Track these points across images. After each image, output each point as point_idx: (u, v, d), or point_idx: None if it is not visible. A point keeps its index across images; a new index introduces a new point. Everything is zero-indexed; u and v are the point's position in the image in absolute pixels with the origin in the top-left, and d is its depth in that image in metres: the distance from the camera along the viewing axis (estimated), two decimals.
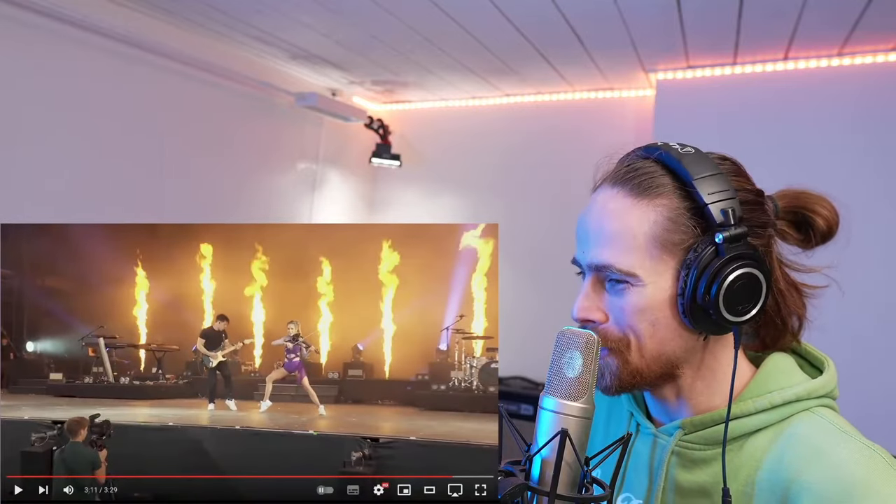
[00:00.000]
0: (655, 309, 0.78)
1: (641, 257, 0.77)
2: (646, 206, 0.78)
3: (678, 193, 0.78)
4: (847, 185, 2.81)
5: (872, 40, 2.68)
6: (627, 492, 0.90)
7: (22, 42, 2.43)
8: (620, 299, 0.79)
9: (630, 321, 0.78)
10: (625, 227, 0.78)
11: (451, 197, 4.12)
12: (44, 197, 2.56)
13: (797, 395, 0.79)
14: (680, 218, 0.77)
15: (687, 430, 0.83)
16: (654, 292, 0.77)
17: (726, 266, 0.74)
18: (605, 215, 0.80)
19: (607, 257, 0.78)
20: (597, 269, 0.80)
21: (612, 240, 0.78)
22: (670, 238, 0.77)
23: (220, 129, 3.32)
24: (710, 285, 0.74)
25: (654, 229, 0.77)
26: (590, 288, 0.81)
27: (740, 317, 0.76)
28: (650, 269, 0.77)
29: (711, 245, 0.75)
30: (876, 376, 2.69)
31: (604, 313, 0.81)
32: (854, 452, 0.73)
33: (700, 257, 0.75)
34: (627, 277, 0.77)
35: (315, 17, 2.71)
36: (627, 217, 0.78)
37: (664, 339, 0.79)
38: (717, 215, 0.75)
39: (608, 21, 2.58)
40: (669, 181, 0.78)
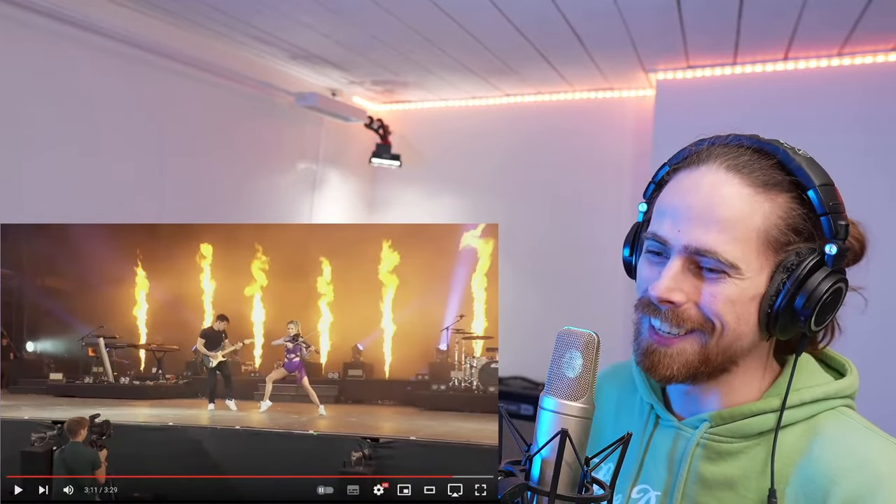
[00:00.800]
0: (745, 303, 0.77)
1: (748, 250, 0.75)
2: (764, 201, 0.76)
3: (794, 195, 0.77)
4: (847, 185, 2.81)
5: (872, 40, 2.68)
6: (644, 483, 0.90)
7: (22, 42, 2.43)
8: (714, 286, 0.76)
9: (719, 309, 0.76)
10: (739, 216, 0.75)
11: (451, 197, 4.12)
12: (44, 197, 2.56)
13: (826, 393, 0.81)
14: (792, 220, 0.76)
15: (714, 423, 0.84)
16: (749, 287, 0.76)
17: (831, 278, 0.75)
18: (715, 198, 0.76)
19: (713, 242, 0.75)
20: (696, 253, 0.76)
21: (724, 226, 0.75)
22: (778, 237, 0.76)
23: (220, 129, 3.32)
24: (812, 296, 0.74)
25: (766, 225, 0.75)
26: (677, 269, 0.77)
27: (817, 326, 0.77)
28: (752, 264, 0.76)
29: (817, 254, 0.75)
30: (876, 376, 2.69)
31: (685, 296, 0.78)
32: (881, 448, 0.75)
33: (804, 264, 0.75)
34: (729, 269, 0.75)
35: (315, 17, 2.71)
36: (743, 206, 0.75)
37: (741, 334, 0.78)
38: (834, 227, 0.75)
39: (608, 21, 2.58)
40: (787, 181, 0.77)
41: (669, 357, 0.80)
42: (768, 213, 0.76)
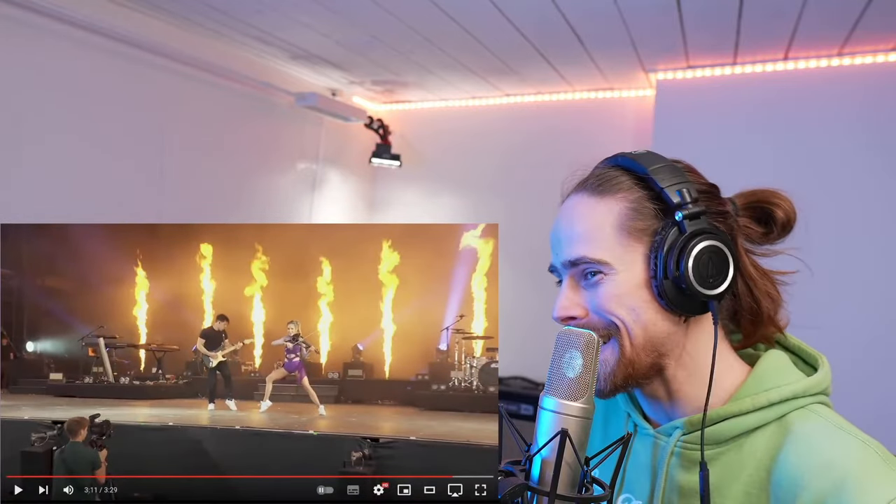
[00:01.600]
0: (632, 294, 0.80)
1: (611, 245, 0.81)
2: (609, 201, 0.83)
3: (637, 186, 0.83)
4: (847, 185, 2.83)
5: (872, 40, 2.68)
6: (628, 492, 0.90)
7: (22, 42, 2.43)
8: (597, 290, 0.81)
9: (608, 308, 0.80)
10: (592, 222, 0.82)
11: (451, 197, 4.12)
12: (44, 197, 2.56)
13: (794, 392, 0.80)
14: (641, 206, 0.82)
15: (686, 430, 0.84)
16: (627, 278, 0.80)
17: (690, 240, 0.78)
18: (573, 217, 0.85)
19: (579, 251, 0.82)
20: (571, 265, 0.83)
21: (582, 235, 0.83)
22: (635, 225, 0.81)
23: (220, 129, 3.32)
24: (677, 260, 0.78)
25: (619, 219, 0.81)
26: (568, 287, 0.84)
27: (712, 289, 0.79)
28: (621, 257, 0.81)
29: (673, 225, 0.79)
30: (877, 376, 2.69)
31: (583, 308, 0.83)
32: (848, 447, 0.74)
33: (665, 237, 0.79)
34: (600, 266, 0.81)
35: (315, 17, 2.71)
36: (593, 213, 0.83)
37: (647, 323, 0.80)
38: (674, 196, 0.79)
39: (608, 21, 2.58)
40: (627, 178, 0.84)
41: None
42: (616, 209, 0.82)
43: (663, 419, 0.89)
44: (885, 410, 2.61)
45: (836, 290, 2.81)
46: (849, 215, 2.82)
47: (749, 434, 0.80)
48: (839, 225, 2.82)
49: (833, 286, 2.81)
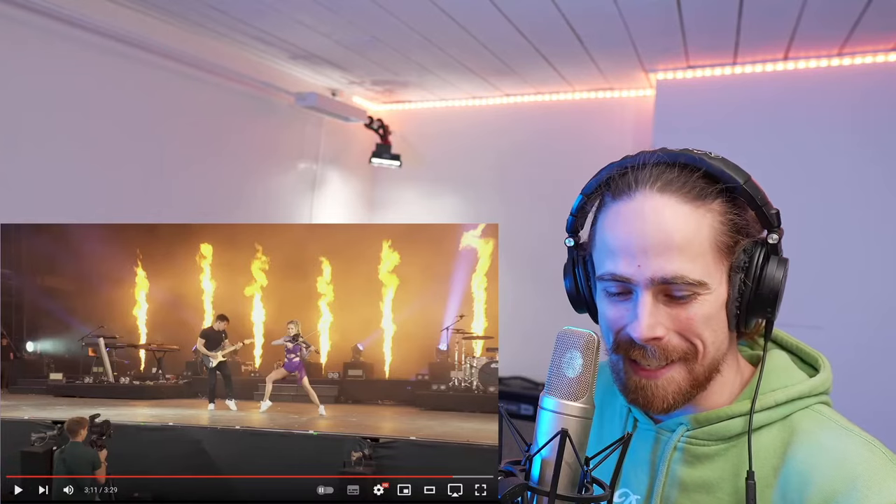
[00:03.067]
0: (718, 315, 0.78)
1: (707, 264, 0.76)
2: (704, 211, 0.77)
3: (724, 198, 0.78)
4: (847, 185, 2.83)
5: (872, 40, 2.68)
6: (625, 487, 0.91)
7: (21, 42, 2.43)
8: (687, 310, 0.77)
9: (698, 330, 0.77)
10: (689, 235, 0.75)
11: (451, 197, 4.12)
12: (44, 197, 2.56)
13: (800, 392, 0.82)
14: (731, 221, 0.78)
15: (692, 426, 0.84)
16: (716, 297, 0.77)
17: (782, 265, 0.78)
18: (664, 223, 0.76)
19: (678, 268, 0.75)
20: (663, 282, 0.76)
21: (680, 249, 0.75)
22: (725, 242, 0.77)
23: (220, 129, 3.32)
24: (773, 285, 0.77)
25: (713, 233, 0.76)
26: (651, 304, 0.77)
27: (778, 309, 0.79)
28: (714, 276, 0.77)
29: (761, 246, 0.78)
30: (875, 376, 2.69)
31: (665, 329, 0.78)
32: (856, 447, 0.75)
33: (755, 259, 0.77)
34: (698, 288, 0.76)
35: (315, 17, 2.71)
36: (689, 224, 0.76)
37: (719, 343, 0.80)
38: (769, 217, 0.77)
39: (608, 21, 2.58)
40: (711, 185, 0.78)
41: (662, 389, 0.80)
42: (711, 222, 0.77)
43: (667, 415, 0.88)
44: (879, 409, 2.61)
45: (836, 291, 2.81)
46: (848, 214, 2.82)
47: (754, 433, 0.81)
48: (838, 224, 2.82)
49: (834, 286, 2.82)
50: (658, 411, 0.82)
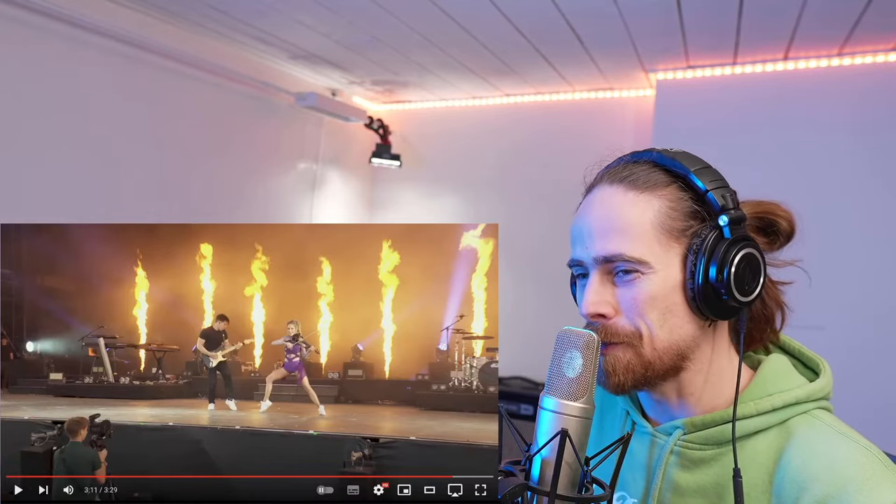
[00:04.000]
0: (666, 296, 0.79)
1: (650, 244, 0.78)
2: (648, 196, 0.80)
3: (676, 185, 0.81)
4: (846, 185, 2.83)
5: (872, 40, 2.68)
6: (622, 490, 0.91)
7: (22, 42, 2.43)
8: (631, 289, 0.79)
9: (642, 310, 0.79)
10: (631, 217, 0.79)
11: (451, 197, 4.12)
12: (44, 197, 2.56)
13: (797, 397, 0.81)
14: (681, 206, 0.80)
15: (687, 430, 0.84)
16: (664, 279, 0.79)
17: (734, 246, 0.77)
18: (608, 209, 0.81)
19: (616, 246, 0.79)
20: (605, 261, 0.80)
21: (620, 230, 0.79)
22: (675, 225, 0.79)
23: (220, 129, 3.32)
24: (721, 266, 0.77)
25: (659, 217, 0.79)
26: (597, 282, 0.81)
27: (748, 296, 0.79)
28: (659, 256, 0.79)
29: (715, 229, 0.78)
30: (874, 377, 2.69)
31: (612, 307, 0.80)
32: (850, 452, 0.75)
33: (706, 241, 0.78)
34: (638, 265, 0.78)
35: (315, 17, 2.71)
36: (632, 208, 0.80)
37: (674, 327, 0.80)
38: (720, 199, 0.78)
39: (608, 21, 2.58)
40: (666, 176, 0.82)
41: (611, 366, 0.81)
42: (657, 207, 0.80)
43: (664, 418, 0.89)
44: (878, 408, 2.61)
45: (836, 291, 2.81)
46: (848, 214, 2.81)
47: (750, 437, 0.81)
48: (838, 224, 2.82)
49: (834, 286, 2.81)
50: (613, 390, 0.82)
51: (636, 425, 0.92)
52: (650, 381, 0.82)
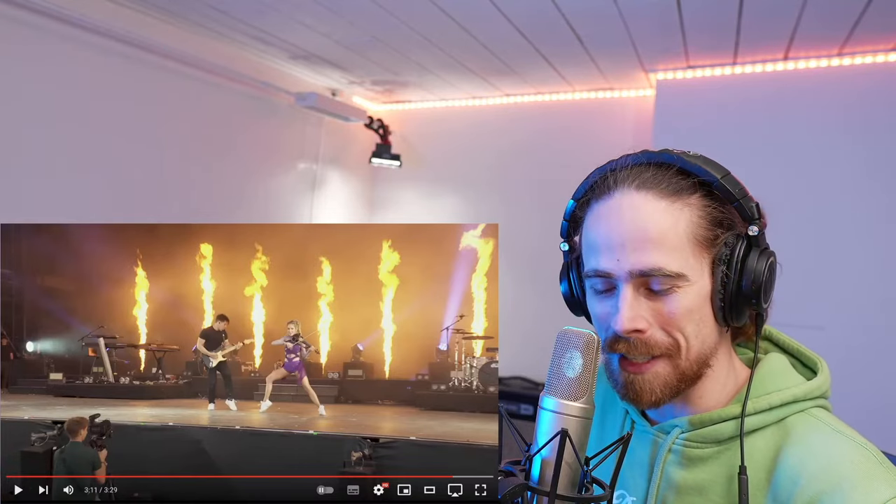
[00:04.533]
0: (700, 307, 0.79)
1: (686, 256, 0.77)
2: (680, 205, 0.78)
3: (702, 192, 0.79)
4: (847, 185, 2.83)
5: (872, 40, 2.68)
6: (622, 489, 0.91)
7: (22, 42, 2.43)
8: (668, 303, 0.78)
9: (680, 324, 0.78)
10: (665, 228, 0.77)
11: (451, 197, 4.12)
12: (44, 197, 2.56)
13: (794, 396, 0.81)
14: (711, 215, 0.79)
15: (686, 429, 0.84)
16: (698, 291, 0.78)
17: (764, 255, 0.79)
18: (640, 218, 0.78)
19: (655, 260, 0.76)
20: (642, 275, 0.77)
21: (656, 241, 0.77)
22: (705, 235, 0.78)
23: (220, 129, 3.32)
24: (755, 276, 0.77)
25: (691, 227, 0.78)
26: (632, 297, 0.78)
27: (767, 301, 0.80)
28: (694, 268, 0.78)
29: (742, 239, 0.79)
30: (872, 376, 2.69)
31: (647, 322, 0.79)
32: (846, 450, 0.75)
33: (737, 251, 0.78)
34: (677, 279, 0.77)
35: (315, 17, 2.71)
36: (666, 218, 0.78)
37: (705, 336, 0.80)
38: (748, 209, 0.78)
39: (608, 21, 2.58)
40: (689, 181, 0.79)
41: (649, 383, 0.81)
42: (689, 216, 0.78)
43: (663, 417, 0.89)
44: (877, 408, 2.61)
45: (836, 291, 2.81)
46: (849, 214, 2.81)
47: (748, 435, 0.81)
48: (838, 224, 2.82)
49: (834, 286, 2.81)
50: (647, 406, 0.82)
51: (636, 424, 0.92)
52: (681, 391, 0.82)
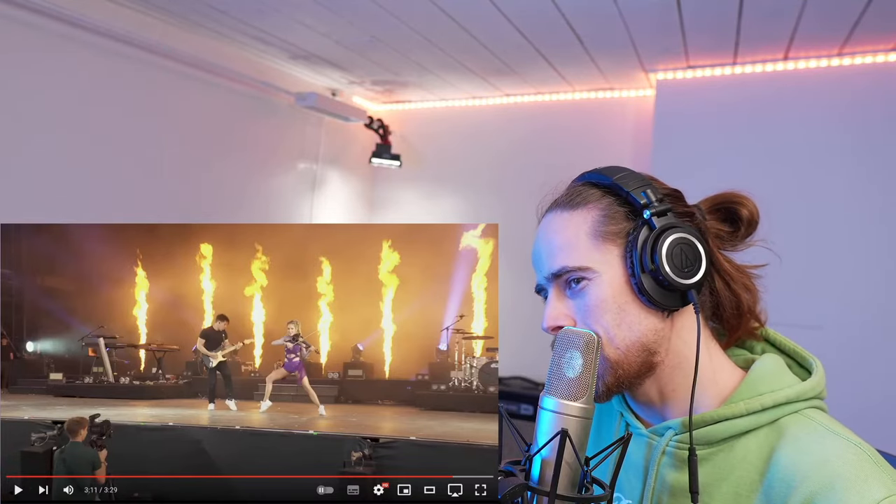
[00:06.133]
0: (616, 296, 0.83)
1: (589, 251, 0.84)
2: (581, 212, 0.87)
3: (606, 196, 0.87)
4: (846, 185, 2.83)
5: (872, 40, 2.68)
6: (618, 492, 0.91)
7: (22, 42, 2.43)
8: (583, 297, 0.84)
9: (596, 315, 0.82)
10: (569, 233, 0.86)
11: (451, 197, 4.12)
12: (44, 197, 2.56)
13: (787, 397, 0.81)
14: (612, 211, 0.85)
15: (680, 430, 0.84)
16: (609, 280, 0.83)
17: (660, 234, 0.81)
18: (550, 232, 0.89)
19: (559, 262, 0.85)
20: (555, 276, 0.86)
21: (562, 246, 0.86)
22: (608, 229, 0.85)
23: (220, 129, 3.32)
24: (651, 254, 0.81)
25: (594, 226, 0.85)
26: (554, 297, 0.87)
27: (688, 279, 0.81)
28: (600, 260, 0.84)
29: (644, 224, 0.83)
30: (871, 375, 2.69)
31: (571, 318, 0.85)
32: (840, 449, 0.75)
33: (637, 236, 0.83)
34: (583, 273, 0.83)
35: (315, 17, 2.71)
36: (568, 225, 0.87)
37: (632, 324, 0.82)
38: (640, 197, 0.84)
39: (608, 21, 2.58)
40: (596, 189, 0.88)
41: None
42: (591, 218, 0.86)
43: (655, 420, 0.90)
44: (872, 410, 2.61)
45: (836, 291, 2.81)
46: (848, 214, 2.81)
47: (741, 436, 0.81)
48: (838, 224, 2.82)
49: (834, 286, 2.82)
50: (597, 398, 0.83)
51: (631, 427, 0.92)
52: (625, 380, 0.84)
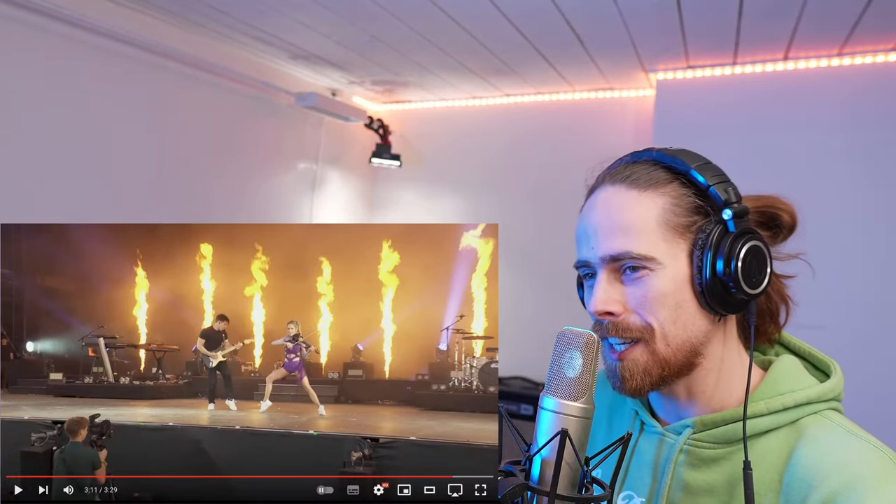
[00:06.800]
0: (676, 292, 0.79)
1: (655, 240, 0.79)
2: (651, 194, 0.81)
3: (678, 182, 0.81)
4: (847, 185, 2.83)
5: (872, 40, 2.68)
6: (629, 490, 0.90)
7: (22, 42, 2.43)
8: (640, 287, 0.79)
9: (653, 308, 0.79)
10: (635, 215, 0.80)
11: (451, 197, 4.12)
12: (44, 197, 2.56)
13: (808, 397, 0.81)
14: (685, 202, 0.80)
15: (697, 429, 0.84)
16: (672, 274, 0.79)
17: (739, 239, 0.77)
18: (612, 208, 0.82)
19: (623, 244, 0.79)
20: (612, 260, 0.80)
21: (625, 228, 0.80)
22: (679, 221, 0.80)
23: (220, 129, 3.32)
24: (728, 260, 0.77)
25: (663, 214, 0.80)
26: (605, 281, 0.81)
27: (755, 289, 0.79)
28: (666, 252, 0.79)
29: (719, 223, 0.79)
30: (871, 375, 2.69)
31: (622, 305, 0.81)
32: (861, 451, 0.74)
33: (712, 235, 0.78)
34: (646, 262, 0.79)
35: (315, 17, 2.71)
36: (636, 206, 0.80)
37: (686, 322, 0.80)
38: (722, 194, 0.78)
39: (608, 21, 2.58)
40: (667, 173, 0.82)
41: (628, 370, 0.81)
42: (661, 204, 0.80)
43: (674, 417, 0.89)
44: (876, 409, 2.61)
45: (836, 290, 2.81)
46: (848, 214, 2.81)
47: (761, 436, 0.81)
48: (838, 224, 2.82)
49: (835, 285, 2.81)
50: (629, 393, 0.82)
51: (645, 425, 0.92)
52: (666, 380, 0.82)
